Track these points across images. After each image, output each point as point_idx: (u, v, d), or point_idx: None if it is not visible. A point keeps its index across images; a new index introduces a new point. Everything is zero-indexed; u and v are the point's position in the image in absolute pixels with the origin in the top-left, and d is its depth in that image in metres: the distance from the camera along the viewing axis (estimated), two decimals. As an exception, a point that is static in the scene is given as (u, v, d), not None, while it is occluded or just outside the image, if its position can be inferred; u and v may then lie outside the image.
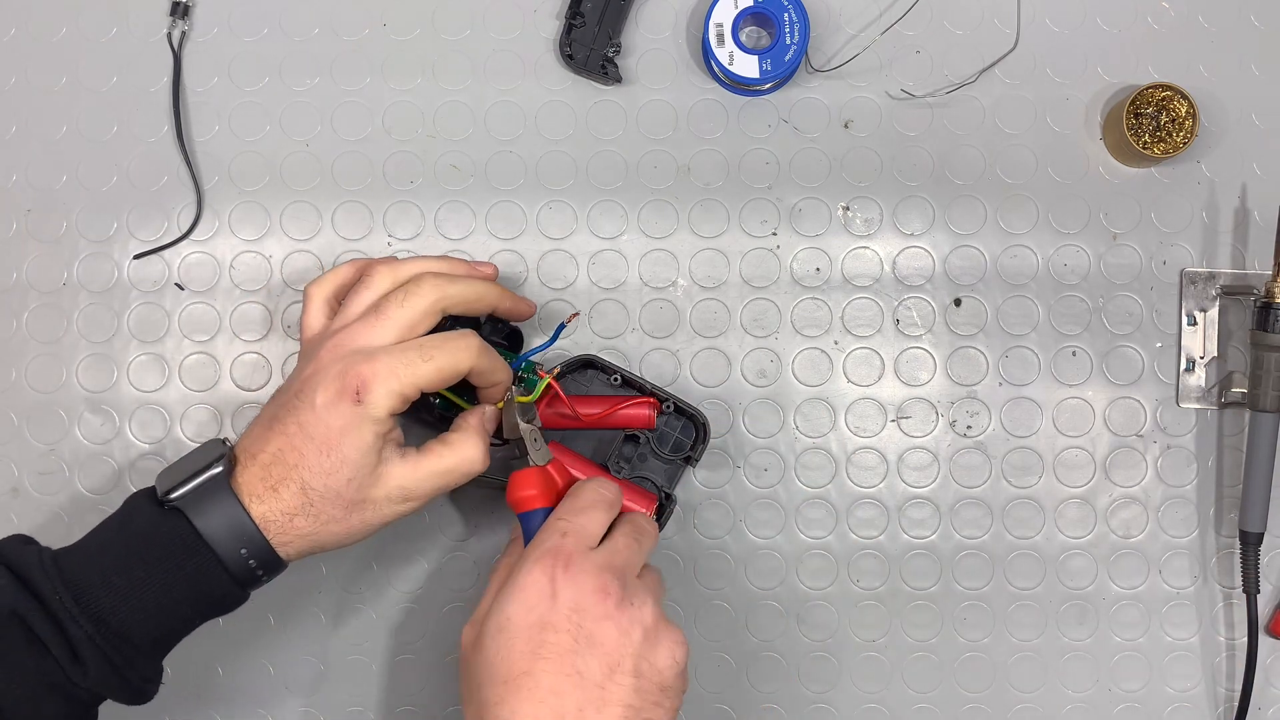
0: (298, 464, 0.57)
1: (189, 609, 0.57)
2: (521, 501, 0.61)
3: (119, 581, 0.55)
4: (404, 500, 0.59)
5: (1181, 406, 0.73)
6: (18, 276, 0.73)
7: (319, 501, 0.57)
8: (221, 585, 0.57)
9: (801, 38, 0.70)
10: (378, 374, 0.57)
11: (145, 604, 0.56)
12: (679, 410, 0.69)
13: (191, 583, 0.56)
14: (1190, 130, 0.71)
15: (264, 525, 0.57)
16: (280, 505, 0.57)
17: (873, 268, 0.73)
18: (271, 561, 0.58)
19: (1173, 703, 0.72)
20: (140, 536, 0.57)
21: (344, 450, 0.57)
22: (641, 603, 0.57)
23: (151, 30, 0.73)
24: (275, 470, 0.57)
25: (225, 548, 0.56)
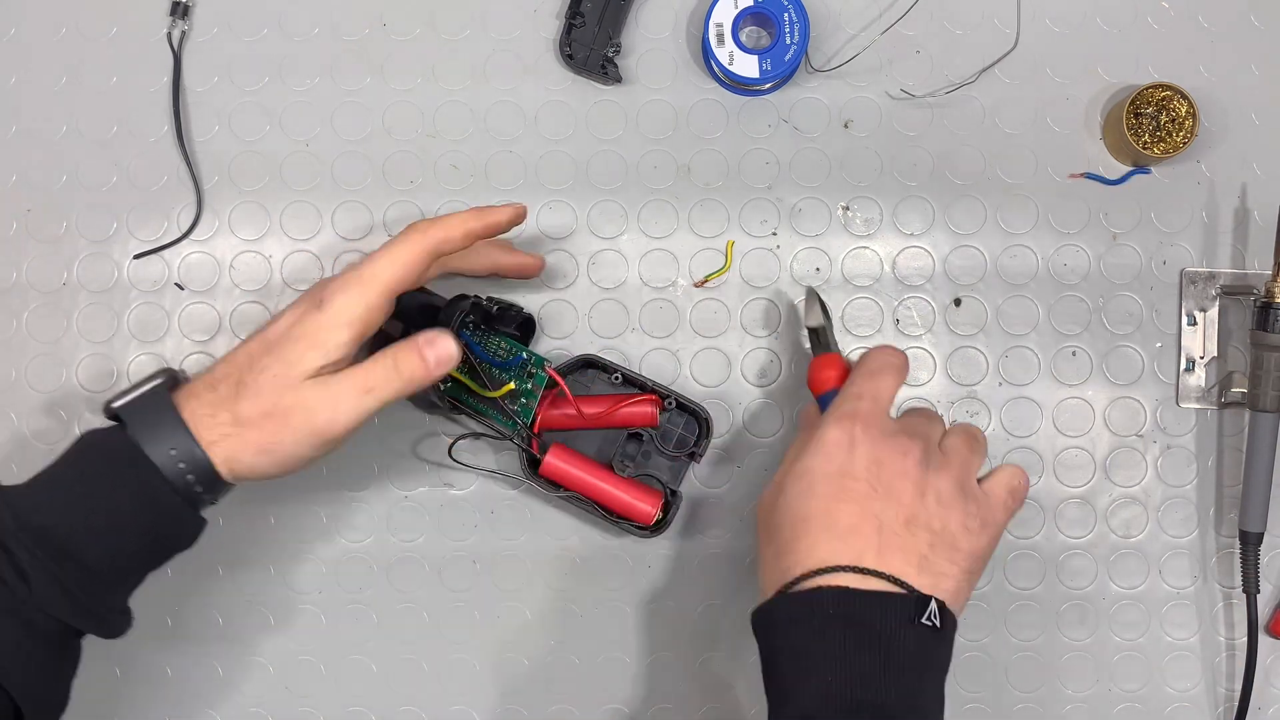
0: (245, 364, 0.57)
1: (137, 528, 0.56)
2: (822, 382, 0.65)
3: (60, 497, 0.55)
4: (336, 413, 0.57)
5: (1181, 406, 0.73)
6: (18, 276, 0.73)
7: (245, 397, 0.56)
8: (166, 499, 0.55)
9: (801, 38, 0.70)
10: (340, 282, 0.58)
11: (89, 520, 0.55)
12: (681, 406, 0.69)
13: (133, 495, 0.55)
14: (1190, 130, 0.71)
15: (192, 424, 0.56)
16: (211, 398, 0.56)
17: (873, 268, 0.73)
18: (205, 472, 0.56)
19: (1173, 703, 0.72)
20: (84, 456, 0.56)
21: (284, 349, 0.57)
22: (940, 468, 0.58)
23: (151, 30, 0.74)
24: (220, 369, 0.58)
25: (160, 454, 0.55)
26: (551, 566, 0.72)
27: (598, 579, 0.72)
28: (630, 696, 0.72)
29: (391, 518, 0.72)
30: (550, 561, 0.72)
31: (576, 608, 0.72)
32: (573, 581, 0.72)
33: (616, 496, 0.68)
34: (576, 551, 0.72)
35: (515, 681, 0.72)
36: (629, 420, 0.68)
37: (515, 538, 0.72)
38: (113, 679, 0.72)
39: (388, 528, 0.72)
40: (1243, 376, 0.71)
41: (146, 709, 0.72)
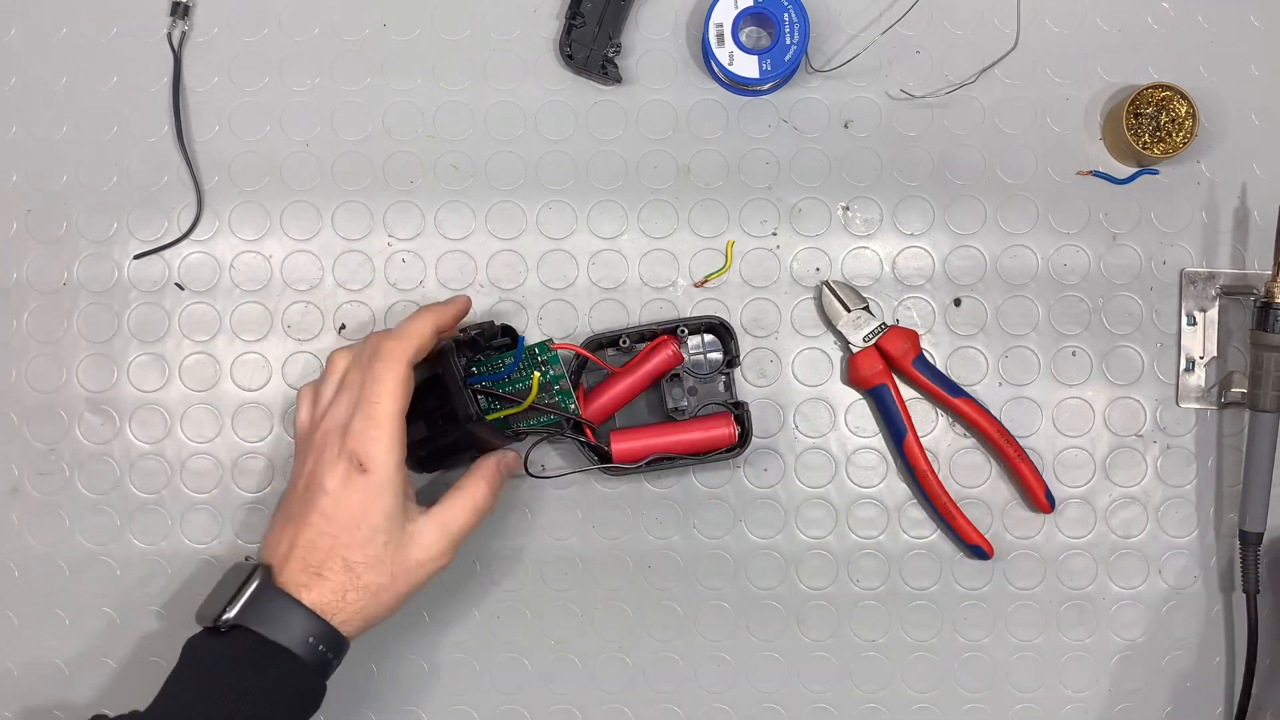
0: (332, 547, 0.60)
1: (284, 713, 0.58)
2: (868, 380, 0.70)
3: (210, 711, 0.56)
4: (440, 556, 0.62)
5: (1181, 406, 0.73)
6: (18, 276, 0.73)
7: (365, 574, 0.60)
8: (307, 680, 0.59)
9: (801, 38, 0.70)
10: (364, 438, 0.60)
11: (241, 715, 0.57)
12: (694, 330, 0.70)
13: (280, 686, 0.58)
14: (1190, 130, 0.71)
15: (320, 611, 0.59)
16: (329, 587, 0.59)
17: (873, 268, 0.73)
18: (338, 643, 0.60)
19: (1172, 703, 0.72)
20: (211, 665, 0.58)
21: (372, 519, 0.60)
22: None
23: (151, 30, 0.73)
24: (313, 557, 0.60)
25: (297, 643, 0.58)
26: (551, 566, 0.72)
27: (599, 579, 0.72)
28: (630, 696, 0.72)
29: (391, 518, 0.72)
30: (550, 561, 0.72)
31: (576, 608, 0.72)
32: (573, 581, 0.72)
33: (691, 440, 0.69)
34: (576, 551, 0.72)
35: (516, 681, 0.72)
36: (659, 369, 0.69)
37: (516, 538, 0.72)
38: (111, 676, 0.71)
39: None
40: (1243, 376, 0.70)
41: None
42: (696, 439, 0.68)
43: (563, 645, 0.72)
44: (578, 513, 0.72)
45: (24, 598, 0.72)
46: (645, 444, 0.68)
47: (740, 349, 0.71)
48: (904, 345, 0.71)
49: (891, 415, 0.71)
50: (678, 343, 0.70)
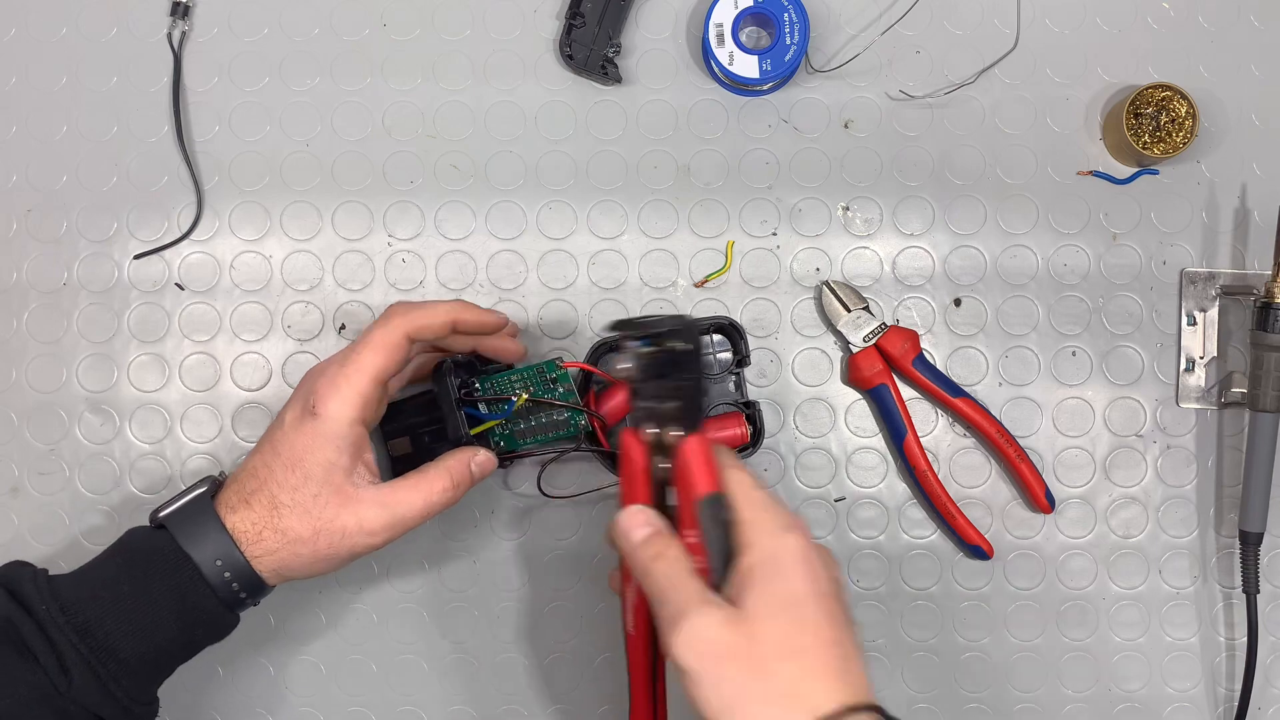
0: (267, 479, 0.59)
1: (175, 627, 0.58)
2: (868, 380, 0.70)
3: (105, 595, 0.57)
4: (373, 534, 0.60)
5: (1181, 406, 0.73)
6: (18, 276, 0.73)
7: (287, 517, 0.58)
8: (206, 601, 0.58)
9: (801, 38, 0.70)
10: (328, 382, 0.60)
11: (131, 618, 0.57)
12: (703, 331, 0.70)
13: (176, 597, 0.57)
14: (1190, 130, 0.71)
15: (236, 537, 0.58)
16: (251, 517, 0.58)
17: (873, 268, 0.73)
18: (249, 579, 0.59)
19: (1173, 703, 0.72)
20: (128, 555, 0.59)
21: (307, 464, 0.59)
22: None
23: (151, 30, 0.74)
24: (248, 484, 0.59)
25: (205, 561, 0.58)
26: (551, 566, 0.72)
27: (598, 579, 0.72)
28: (630, 696, 0.72)
29: (391, 518, 0.72)
30: (550, 561, 0.72)
31: (576, 608, 0.72)
32: (572, 581, 0.72)
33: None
34: (576, 551, 0.72)
35: (515, 681, 0.72)
36: None
37: (515, 538, 0.72)
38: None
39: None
40: (1243, 376, 0.71)
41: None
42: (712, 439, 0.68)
43: (561, 645, 0.72)
44: (578, 513, 0.72)
45: (24, 598, 0.72)
46: None
47: (750, 350, 0.71)
48: (904, 345, 0.71)
49: (892, 415, 0.71)
50: None
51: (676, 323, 0.58)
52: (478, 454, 0.63)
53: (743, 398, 0.71)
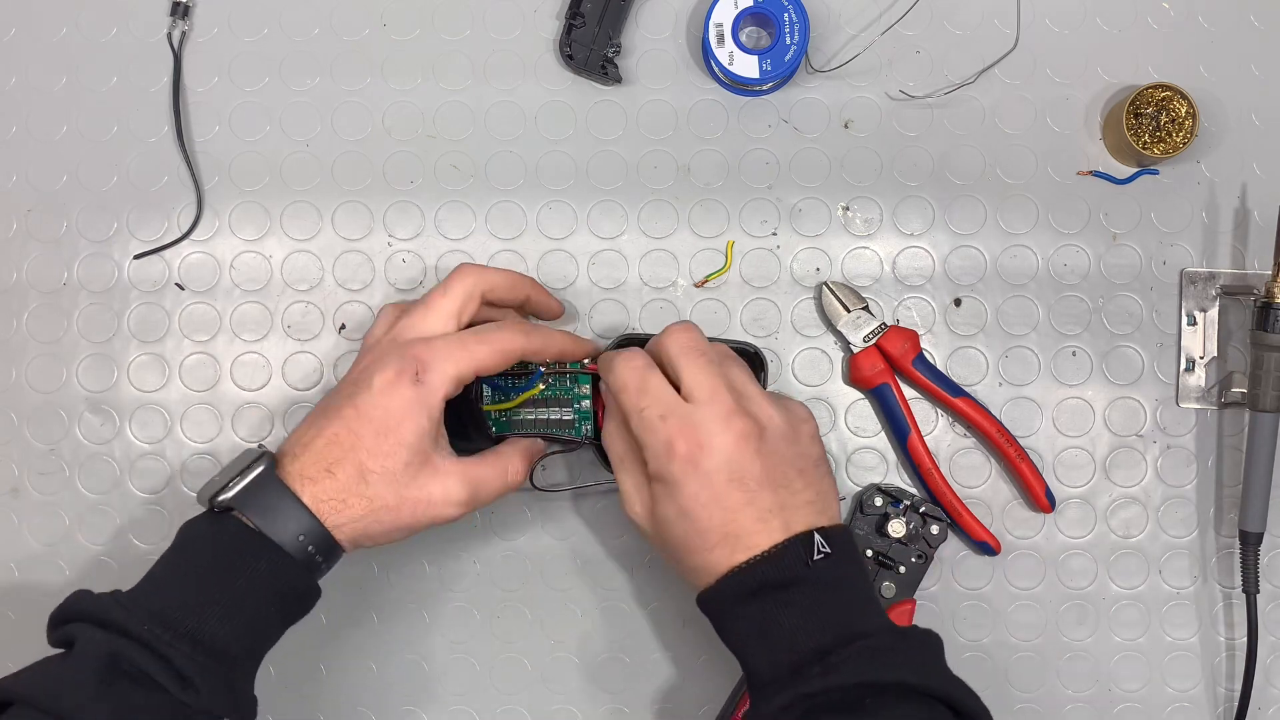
0: (354, 445, 0.58)
1: (273, 612, 0.58)
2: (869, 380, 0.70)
3: (198, 598, 0.55)
4: (454, 505, 0.60)
5: (1181, 406, 0.73)
6: (18, 276, 0.73)
7: (376, 483, 0.58)
8: (295, 576, 0.57)
9: (801, 38, 0.70)
10: (436, 354, 0.59)
11: (232, 614, 0.56)
12: None
13: (268, 580, 0.56)
14: (1190, 130, 0.71)
15: (316, 508, 0.57)
16: (335, 485, 0.57)
17: (873, 268, 0.73)
18: (328, 546, 0.58)
19: (1173, 703, 0.72)
20: (202, 551, 0.57)
21: (401, 432, 0.58)
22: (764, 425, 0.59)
23: (151, 30, 0.74)
24: (330, 452, 0.58)
25: (286, 537, 0.56)
26: (551, 566, 0.72)
27: (598, 579, 0.72)
28: (630, 696, 0.72)
29: (391, 518, 0.72)
30: (550, 561, 0.72)
31: (576, 608, 0.72)
32: (573, 581, 0.72)
33: None
34: (576, 551, 0.72)
35: (515, 681, 0.72)
36: None
37: (515, 538, 0.72)
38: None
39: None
40: (1243, 376, 0.70)
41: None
42: None
43: (562, 645, 0.72)
44: (579, 513, 0.72)
45: (24, 598, 0.72)
46: None
47: (768, 383, 0.70)
48: (904, 345, 0.71)
49: (894, 415, 0.71)
50: None
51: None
52: (536, 443, 0.66)
53: None
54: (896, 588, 0.70)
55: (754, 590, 0.57)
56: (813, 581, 0.57)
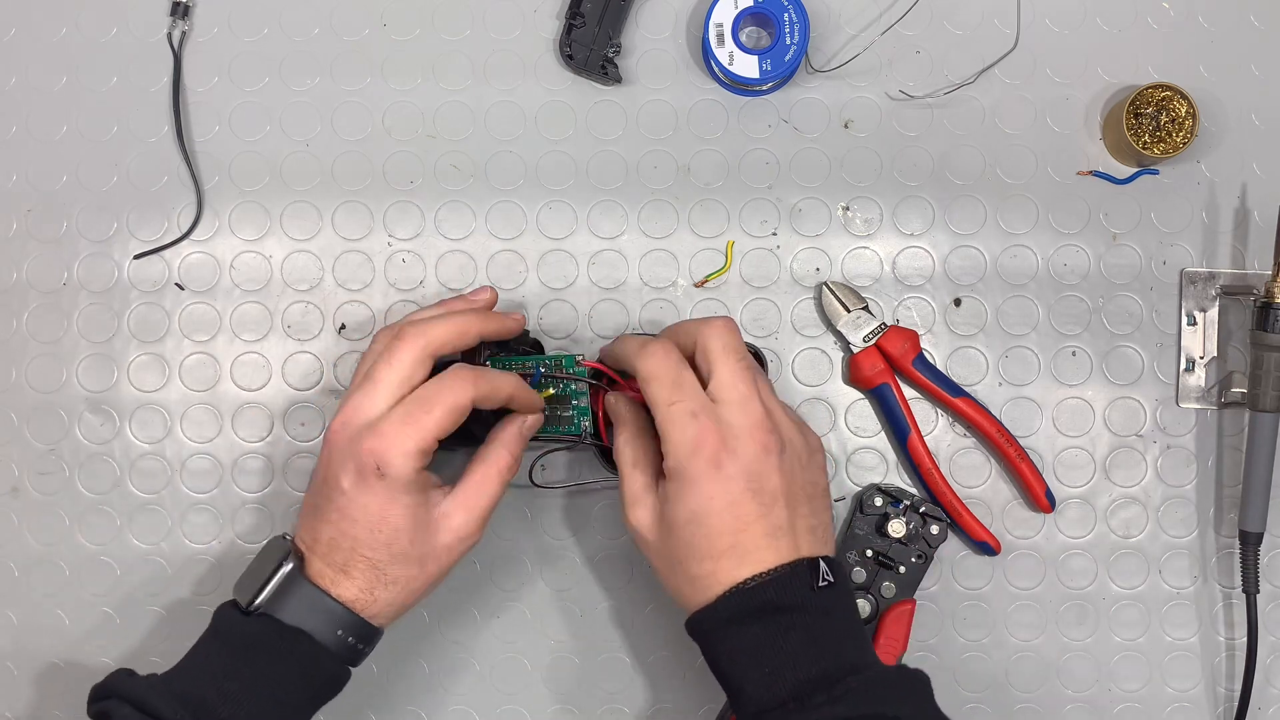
0: (353, 548, 0.59)
1: (302, 697, 0.59)
2: (870, 380, 0.70)
3: (232, 687, 0.57)
4: (470, 535, 0.61)
5: (1181, 407, 0.73)
6: (18, 276, 0.73)
7: (392, 569, 0.59)
8: (328, 667, 0.59)
9: (801, 38, 0.70)
10: (387, 443, 0.58)
11: (261, 701, 0.57)
12: None
13: (301, 669, 0.58)
14: (1190, 130, 0.71)
15: (351, 605, 0.59)
16: (358, 585, 0.59)
17: (873, 268, 0.73)
18: (369, 633, 0.60)
19: (1173, 703, 0.72)
20: (238, 642, 0.58)
21: (390, 521, 0.58)
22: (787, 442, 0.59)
23: (151, 30, 0.74)
24: (337, 556, 0.59)
25: (325, 635, 0.58)
26: (551, 566, 0.72)
27: (598, 579, 0.72)
28: (630, 696, 0.72)
29: (391, 518, 0.72)
30: (550, 562, 0.72)
31: (576, 608, 0.72)
32: (573, 581, 0.72)
33: None
34: (576, 551, 0.72)
35: (515, 681, 0.72)
36: None
37: (515, 538, 0.72)
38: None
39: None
40: (1243, 376, 0.71)
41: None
42: None
43: (562, 645, 0.72)
44: (579, 513, 0.72)
45: (24, 598, 0.72)
46: None
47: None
48: (904, 345, 0.71)
49: (895, 414, 0.71)
50: None
51: None
52: (525, 420, 0.64)
53: None
54: (896, 588, 0.70)
55: (756, 611, 0.56)
56: (814, 609, 0.56)
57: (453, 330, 0.62)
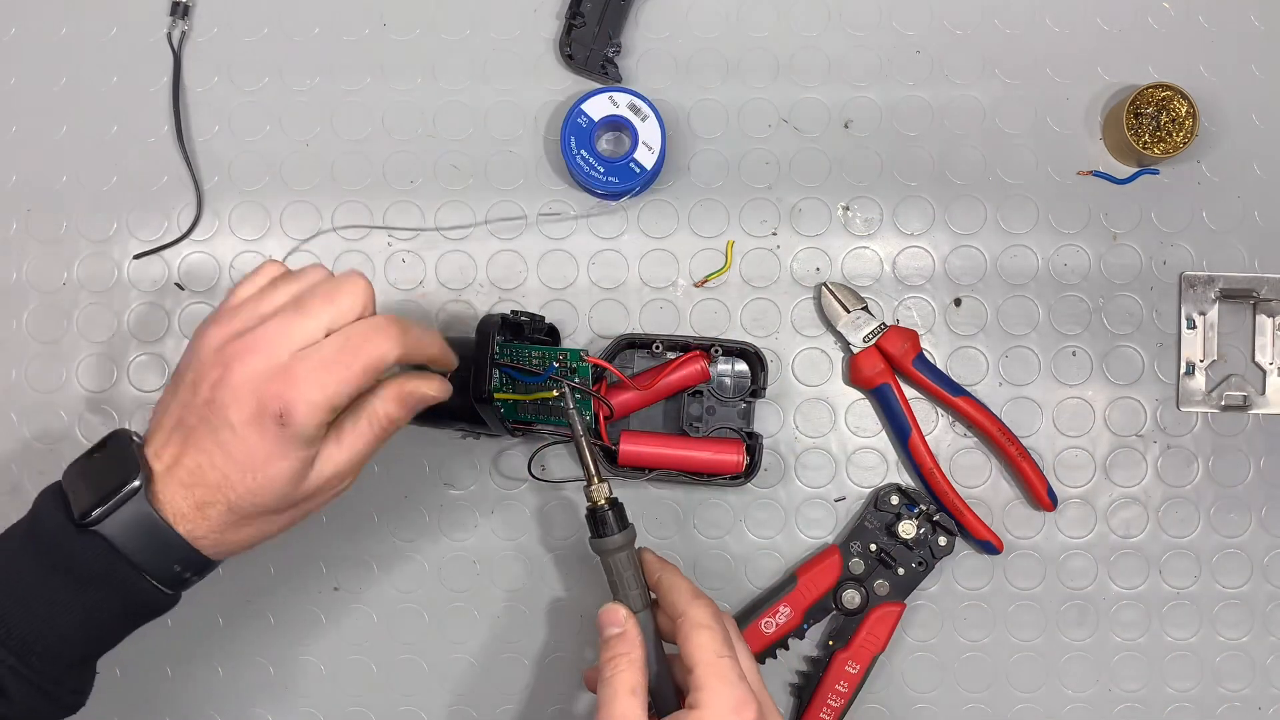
0: (220, 484, 0.52)
1: (118, 621, 0.54)
2: (870, 380, 0.70)
3: (41, 610, 0.52)
4: (338, 480, 0.55)
5: (1182, 410, 0.73)
6: (18, 276, 0.73)
7: (251, 515, 0.53)
8: (151, 597, 0.54)
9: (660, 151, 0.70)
10: (298, 393, 0.51)
11: (72, 626, 0.52)
12: (728, 352, 0.70)
13: (122, 599, 0.53)
14: (1190, 130, 0.71)
15: (194, 541, 0.53)
16: (209, 524, 0.53)
17: (873, 268, 0.73)
18: (201, 565, 0.54)
19: (1173, 703, 0.72)
20: (59, 559, 0.52)
21: (270, 473, 0.52)
22: None
23: (151, 30, 0.73)
24: (197, 491, 0.53)
25: (154, 565, 0.53)
26: (551, 567, 0.72)
27: (598, 579, 0.72)
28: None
29: (392, 518, 0.72)
30: (550, 562, 0.72)
31: (576, 608, 0.72)
32: (572, 582, 0.72)
33: (698, 459, 0.68)
34: (576, 551, 0.72)
35: (515, 681, 0.72)
36: (683, 383, 0.69)
37: (515, 538, 0.72)
38: (112, 679, 0.72)
39: (388, 528, 0.72)
40: (1242, 379, 0.70)
41: (146, 709, 0.72)
42: (704, 459, 0.68)
43: (561, 645, 0.72)
44: (578, 512, 0.72)
45: (24, 598, 0.72)
46: (653, 451, 0.68)
47: (768, 382, 0.70)
48: (904, 345, 0.71)
49: (895, 414, 0.71)
50: (709, 360, 0.69)
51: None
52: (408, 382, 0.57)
53: (748, 426, 0.70)
54: (890, 587, 0.70)
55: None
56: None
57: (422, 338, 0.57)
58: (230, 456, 0.52)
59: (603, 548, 0.60)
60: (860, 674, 0.69)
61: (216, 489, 0.52)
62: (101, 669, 0.56)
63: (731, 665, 0.56)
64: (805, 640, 0.71)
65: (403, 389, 0.56)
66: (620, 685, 0.56)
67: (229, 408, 0.52)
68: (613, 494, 0.61)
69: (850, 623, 0.70)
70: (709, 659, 0.56)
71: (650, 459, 0.68)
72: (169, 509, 0.52)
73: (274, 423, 0.51)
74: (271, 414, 0.51)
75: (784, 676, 0.72)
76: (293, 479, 0.53)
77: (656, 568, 0.61)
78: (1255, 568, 0.72)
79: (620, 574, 0.60)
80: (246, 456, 0.52)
